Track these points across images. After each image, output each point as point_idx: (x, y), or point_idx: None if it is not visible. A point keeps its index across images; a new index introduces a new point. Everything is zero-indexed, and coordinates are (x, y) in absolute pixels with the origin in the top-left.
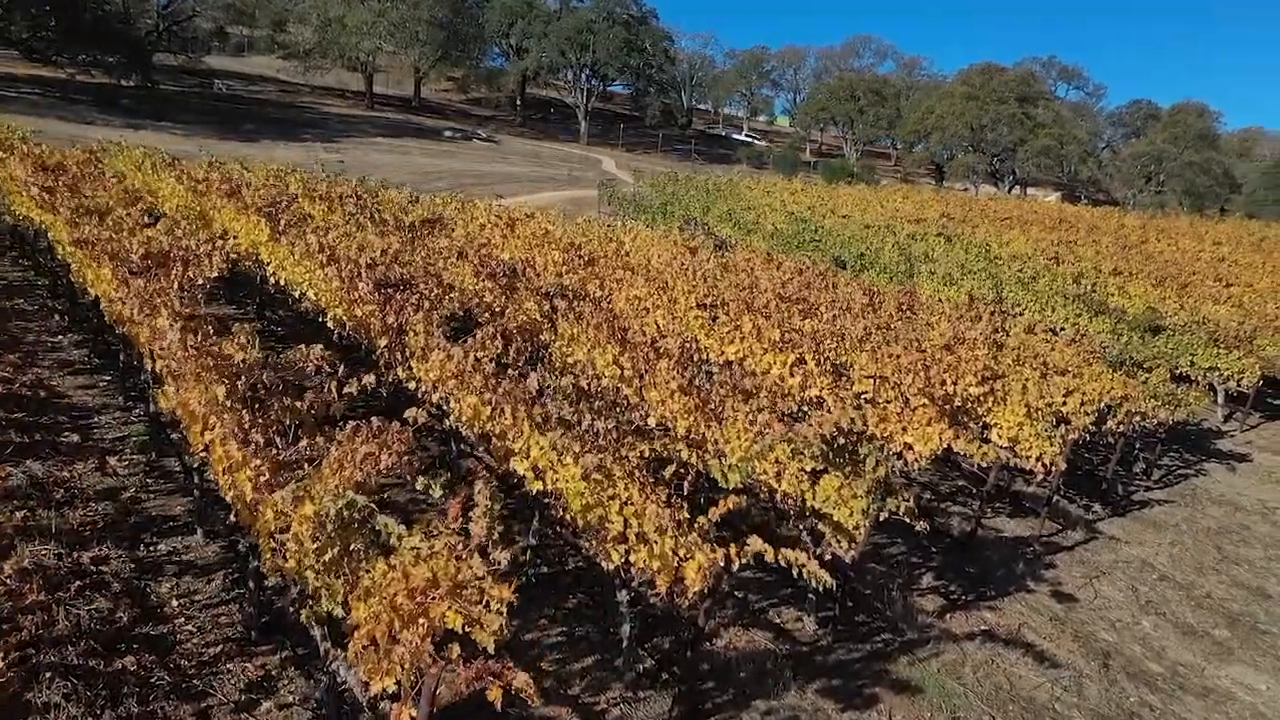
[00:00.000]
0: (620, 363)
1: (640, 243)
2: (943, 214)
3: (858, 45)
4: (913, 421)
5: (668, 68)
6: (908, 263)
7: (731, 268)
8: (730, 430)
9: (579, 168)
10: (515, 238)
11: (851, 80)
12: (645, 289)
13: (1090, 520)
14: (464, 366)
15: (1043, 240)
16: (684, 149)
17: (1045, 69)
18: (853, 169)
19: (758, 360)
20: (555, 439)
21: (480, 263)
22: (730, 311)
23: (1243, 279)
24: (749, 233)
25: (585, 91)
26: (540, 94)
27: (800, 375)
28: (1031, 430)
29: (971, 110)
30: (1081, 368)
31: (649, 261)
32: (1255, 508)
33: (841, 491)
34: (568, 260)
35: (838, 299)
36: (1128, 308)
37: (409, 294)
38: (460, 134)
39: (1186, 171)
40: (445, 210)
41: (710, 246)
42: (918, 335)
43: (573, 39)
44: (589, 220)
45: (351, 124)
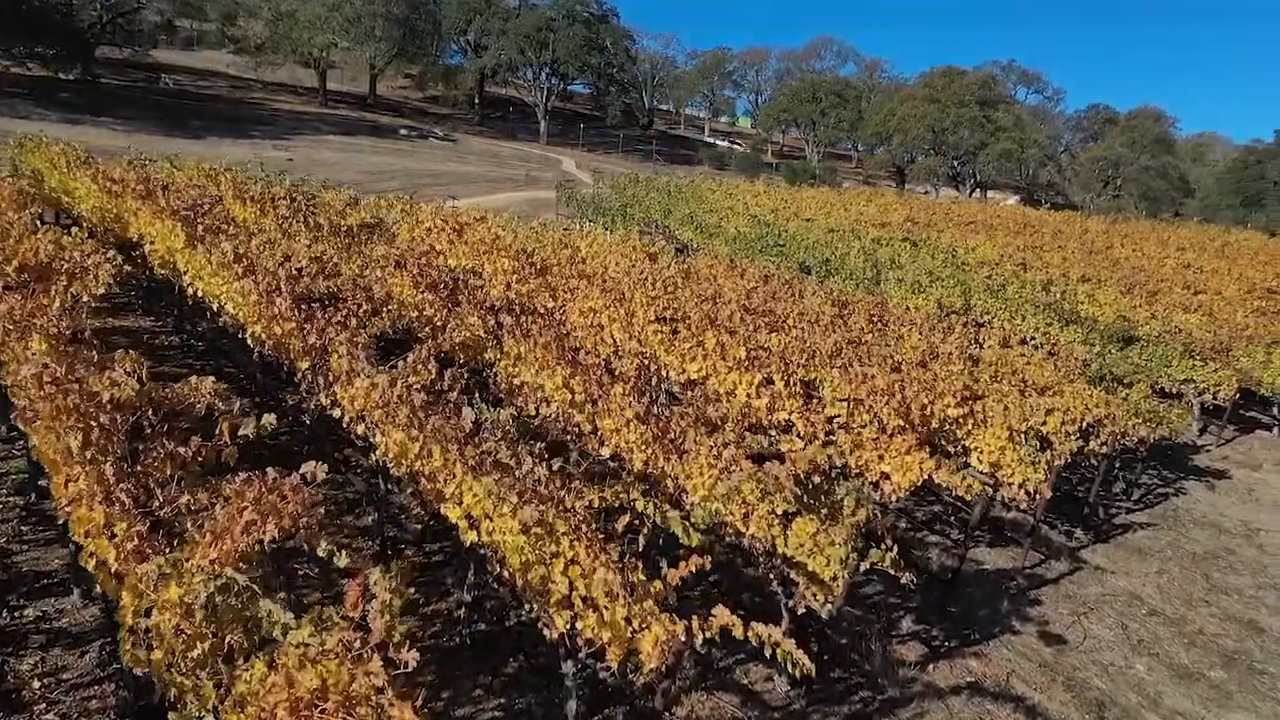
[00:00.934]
0: (571, 386)
1: (597, 249)
2: (907, 218)
3: (819, 47)
4: (890, 449)
5: (629, 67)
6: (874, 269)
7: (693, 275)
8: (692, 465)
9: (538, 168)
10: (463, 244)
11: (813, 82)
12: (601, 300)
13: (1074, 548)
14: (389, 396)
15: (1009, 245)
16: (645, 149)
17: (1005, 72)
18: (815, 171)
19: (721, 379)
20: (491, 485)
21: (420, 273)
22: (692, 325)
23: (1211, 286)
24: (711, 236)
25: (545, 90)
26: (500, 92)
27: (768, 396)
28: (1014, 455)
29: (933, 113)
30: (1062, 384)
31: (606, 269)
32: (1238, 529)
33: (817, 538)
34: (518, 269)
35: (805, 310)
36: (1098, 316)
37: (334, 310)
38: (416, 132)
39: (1143, 176)
40: (390, 213)
41: (671, 252)
42: (891, 351)
43: (532, 37)
44: (546, 223)
45: (303, 121)
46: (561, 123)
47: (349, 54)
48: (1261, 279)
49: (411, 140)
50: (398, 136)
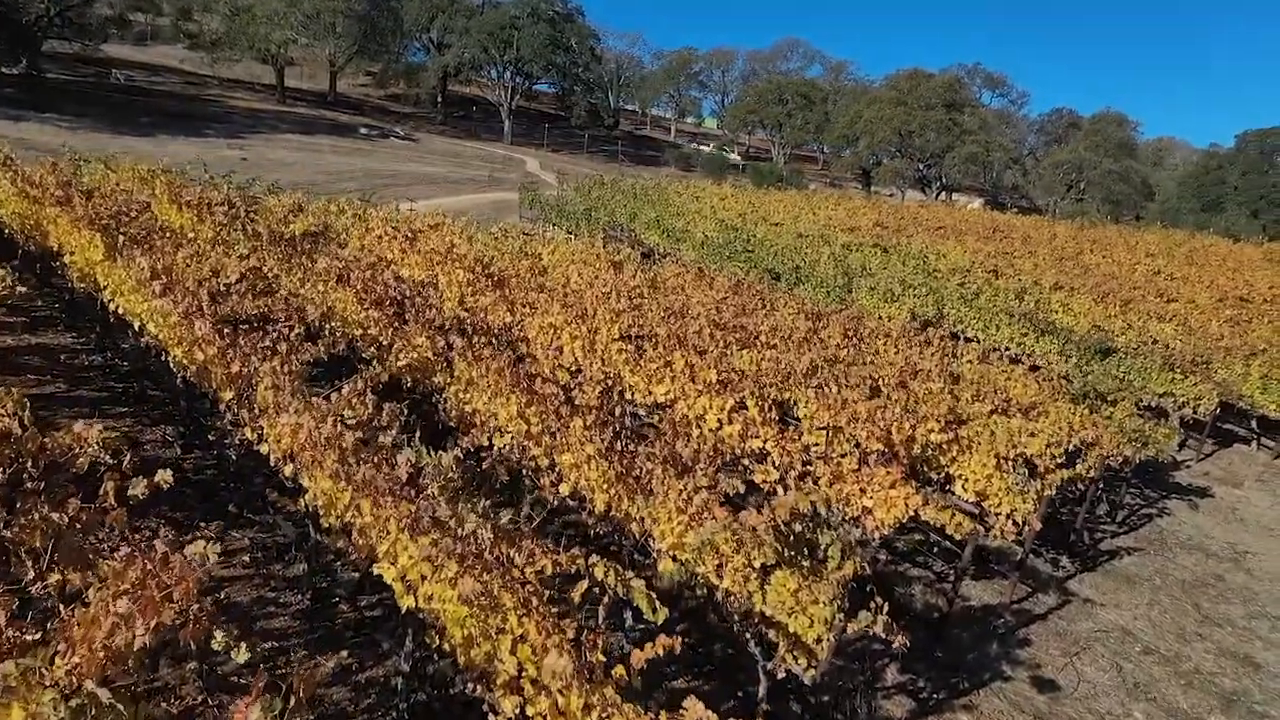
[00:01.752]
0: (527, 416)
1: (559, 257)
2: (876, 222)
3: (786, 48)
4: (873, 483)
5: (594, 67)
6: (845, 276)
7: (660, 285)
8: (660, 509)
9: (501, 168)
10: (415, 253)
11: (780, 83)
12: (562, 316)
13: (1061, 578)
14: (317, 438)
15: (980, 252)
16: (611, 150)
17: (971, 75)
18: (781, 173)
19: (691, 403)
20: (429, 546)
21: (364, 288)
22: (659, 343)
23: (1183, 294)
24: (678, 241)
25: (509, 89)
26: (463, 91)
27: (740, 422)
28: (1002, 484)
29: (899, 116)
30: (1046, 404)
31: (568, 281)
32: (1225, 553)
33: (799, 596)
34: (473, 281)
35: (778, 325)
36: (1073, 326)
37: (263, 334)
38: (377, 131)
39: (1106, 180)
40: (340, 219)
41: (636, 259)
42: (868, 371)
43: (495, 35)
44: (507, 229)
45: (260, 119)
46: (526, 123)
47: (308, 51)
48: (1232, 286)
49: (372, 140)
50: (358, 136)
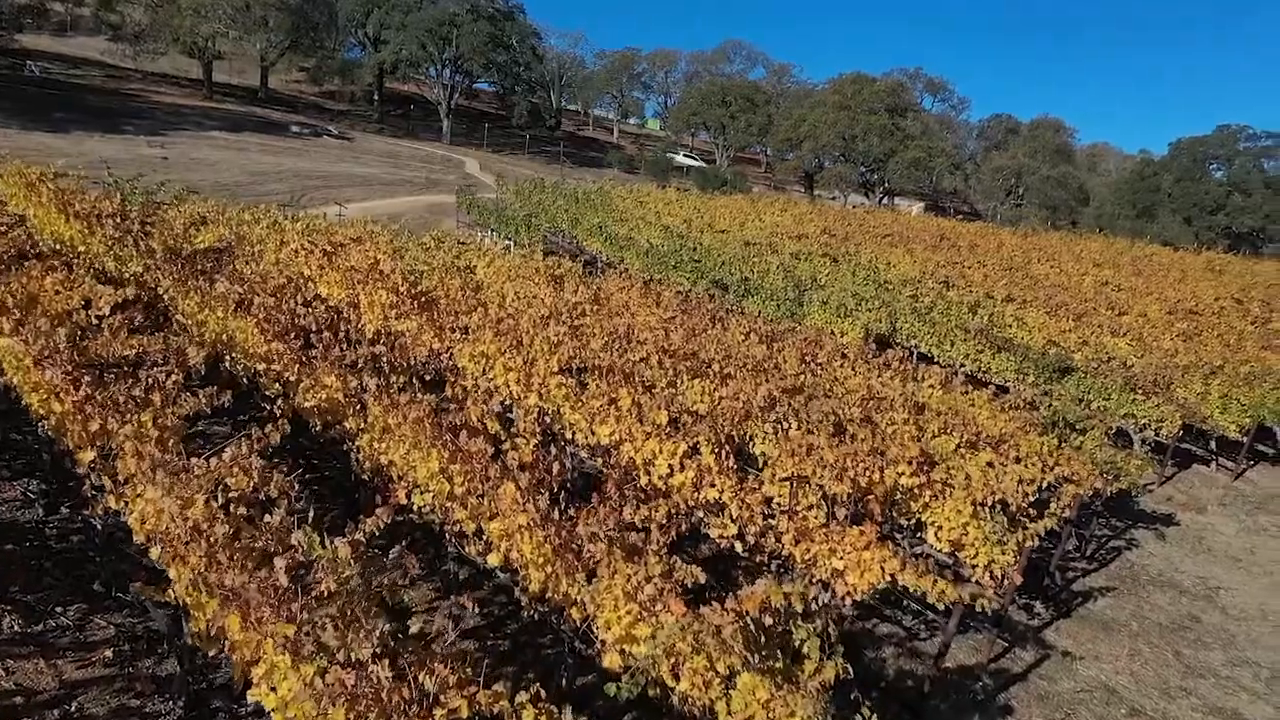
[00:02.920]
0: (450, 474)
1: (496, 271)
2: (824, 229)
3: (729, 50)
4: (845, 543)
5: (535, 66)
6: (796, 289)
7: (603, 301)
8: (605, 595)
9: (439, 169)
10: (334, 270)
11: (723, 85)
12: (495, 345)
13: (1037, 628)
14: (180, 530)
15: (929, 261)
16: (553, 151)
17: (912, 80)
18: (726, 176)
19: (638, 447)
20: (313, 675)
21: (268, 317)
22: (603, 375)
23: (1134, 307)
24: (622, 249)
25: (448, 88)
26: (401, 89)
27: (694, 469)
28: (979, 532)
29: (843, 120)
30: (1018, 437)
31: (504, 300)
32: (1198, 589)
33: (771, 708)
34: (398, 303)
35: (731, 348)
36: (1028, 341)
37: (135, 380)
38: (309, 130)
39: (1044, 186)
40: (255, 229)
41: (578, 272)
42: (832, 405)
43: (434, 31)
44: (441, 237)
45: (184, 115)
46: (466, 122)
47: (238, 44)
48: (1179, 297)
49: (304, 138)
50: (289, 134)
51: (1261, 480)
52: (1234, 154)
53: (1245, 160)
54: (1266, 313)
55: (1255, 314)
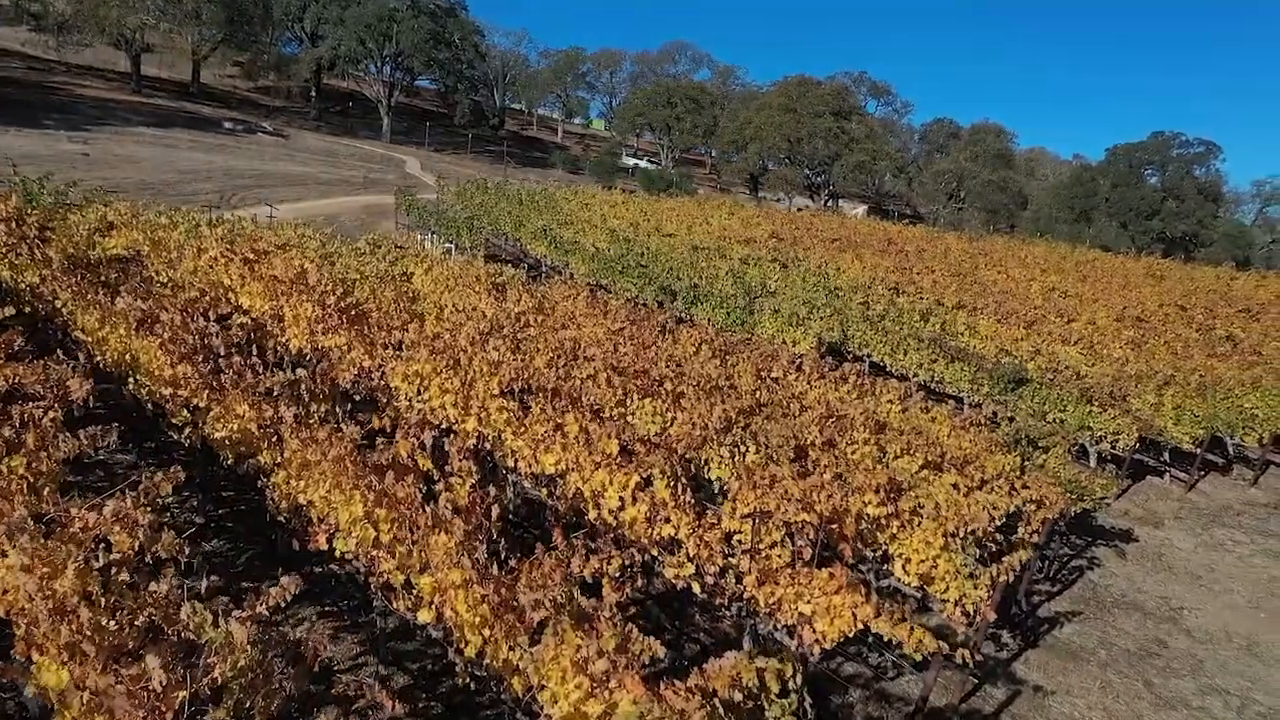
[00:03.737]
0: (376, 520)
1: (434, 279)
2: (772, 233)
3: (674, 51)
4: (812, 586)
5: (478, 64)
6: (747, 296)
7: (548, 311)
8: (552, 667)
9: (379, 169)
10: (256, 279)
11: (669, 86)
12: (431, 364)
13: (1006, 660)
14: (38, 610)
15: (878, 267)
16: (496, 151)
17: (857, 84)
18: (672, 178)
19: (586, 477)
20: None
21: (174, 337)
22: (549, 400)
23: (1082, 314)
24: (568, 254)
25: (388, 85)
26: (340, 86)
27: (646, 502)
28: (949, 565)
29: (789, 123)
30: (984, 458)
31: (442, 311)
32: (1163, 612)
33: None
34: (325, 317)
35: (684, 365)
36: (980, 349)
37: (4, 419)
38: (243, 126)
39: (985, 190)
40: (173, 234)
41: (522, 278)
42: (792, 427)
43: (373, 27)
44: (378, 240)
45: (110, 110)
46: (407, 120)
47: (169, 37)
48: (1125, 304)
49: (236, 135)
50: (221, 131)
51: (1214, 491)
52: (1168, 160)
53: (1178, 167)
54: (1210, 319)
55: (1199, 321)
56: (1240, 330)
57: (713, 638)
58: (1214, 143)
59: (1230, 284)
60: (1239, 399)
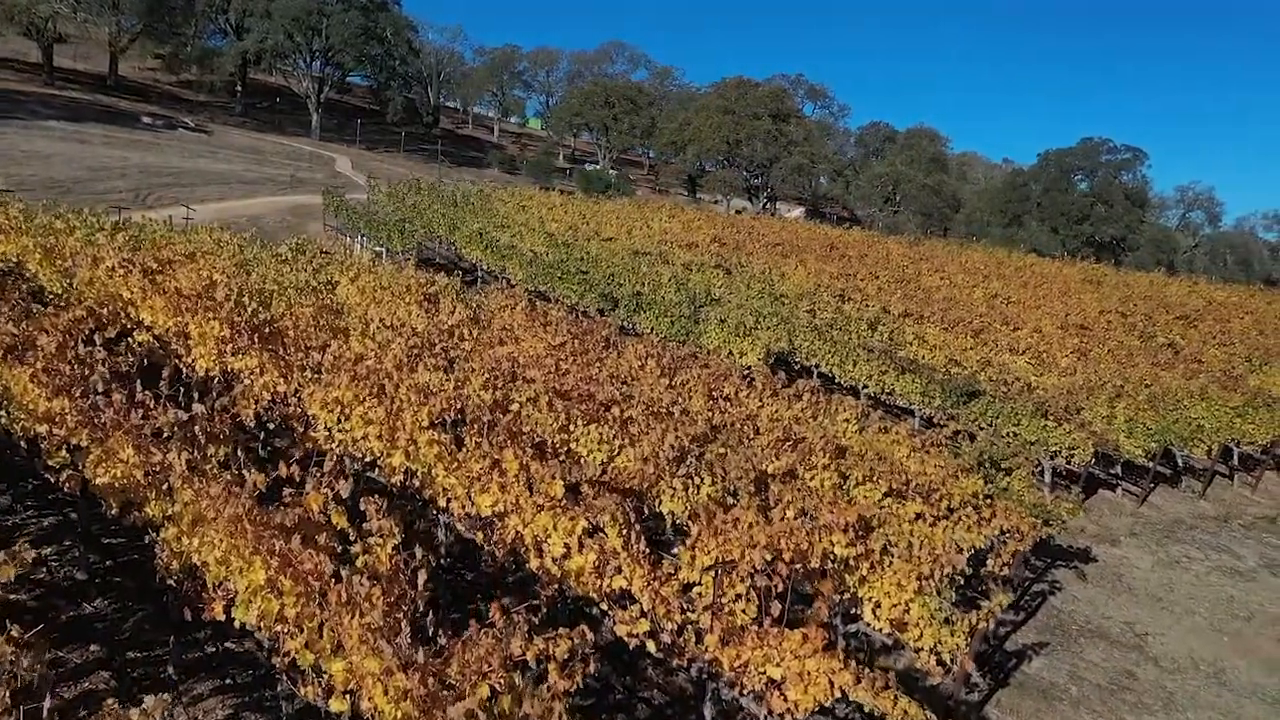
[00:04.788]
0: (281, 589)
1: (361, 288)
2: (714, 238)
3: (611, 51)
4: (783, 648)
5: (411, 60)
6: (691, 305)
7: (485, 323)
8: None
9: (307, 167)
10: (159, 293)
11: (606, 86)
12: (352, 391)
13: (979, 703)
14: None
15: (822, 273)
16: (430, 149)
17: (794, 86)
18: (610, 179)
19: (527, 521)
20: None
21: (48, 366)
22: (485, 433)
23: (1027, 321)
24: (504, 258)
25: (318, 81)
26: (267, 81)
27: (595, 551)
28: (924, 611)
29: (728, 125)
30: (950, 486)
31: (368, 326)
32: (1128, 639)
33: None
34: (234, 336)
35: (631, 386)
36: (930, 360)
37: None
38: (162, 121)
39: (921, 193)
40: (68, 240)
41: (456, 287)
42: (750, 459)
43: (301, 20)
44: (302, 245)
45: (18, 102)
46: (338, 117)
47: (85, 26)
48: (1067, 311)
49: (156, 131)
50: (139, 126)
51: (1165, 505)
52: (1096, 166)
53: (1107, 172)
54: (1150, 326)
55: (1140, 328)
56: (1180, 337)
57: (668, 695)
58: (1140, 149)
59: (1164, 290)
60: (1188, 410)
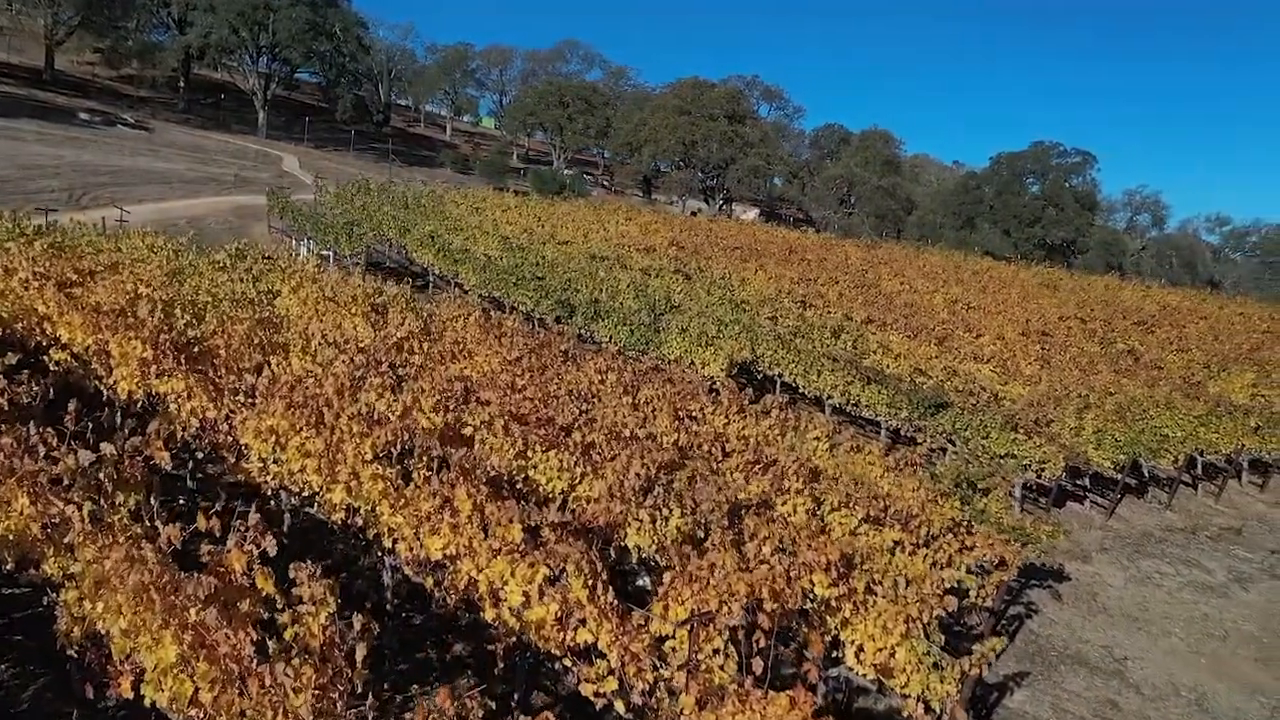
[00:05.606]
0: (195, 669)
1: (304, 299)
2: (672, 241)
3: (565, 50)
4: (767, 713)
5: (361, 57)
6: (651, 313)
7: (436, 335)
8: None
9: (253, 166)
10: (76, 309)
11: (560, 86)
12: (287, 419)
13: None
14: None
15: (783, 278)
16: (381, 149)
17: (750, 87)
18: (565, 180)
19: (482, 567)
20: None
21: None
22: (436, 469)
23: (990, 328)
24: (457, 263)
25: (264, 77)
26: (213, 77)
27: (558, 602)
28: (911, 656)
29: (684, 125)
30: (930, 512)
31: (310, 341)
32: (1109, 665)
33: None
34: (159, 357)
35: (592, 406)
36: (895, 369)
37: None
38: (101, 118)
39: (875, 195)
40: None
41: (406, 294)
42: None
43: (247, 15)
44: (243, 249)
45: None
46: (285, 115)
47: (19, 19)
48: (1027, 316)
49: (94, 127)
50: (76, 122)
51: (1133, 516)
52: (1048, 169)
53: (1058, 176)
54: (1109, 332)
55: (1100, 334)
56: (1139, 343)
57: None
58: (1090, 152)
59: (1119, 294)
60: (1154, 420)
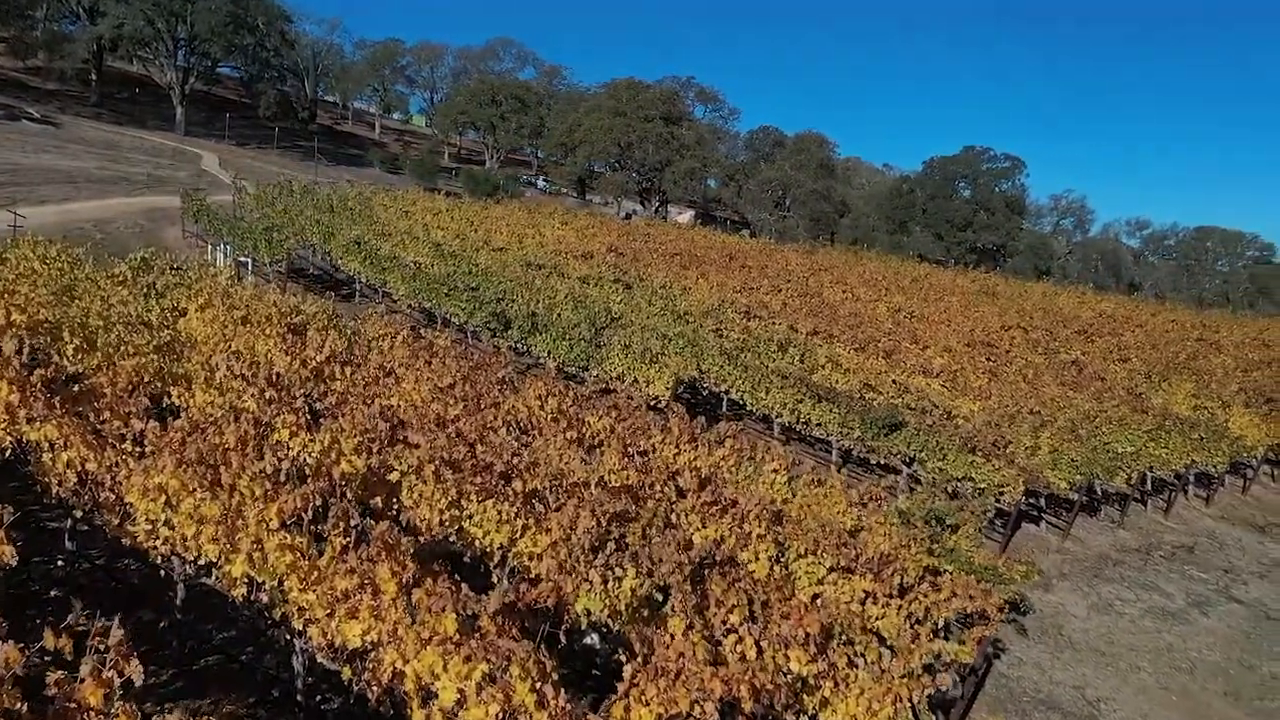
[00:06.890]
0: None
1: (213, 319)
2: (610, 247)
3: (498, 48)
4: None
5: (286, 52)
6: (591, 326)
7: (361, 357)
8: None
9: (169, 165)
10: None
11: (493, 84)
12: (178, 477)
13: None
14: None
15: (724, 286)
16: (306, 146)
17: (685, 89)
18: (498, 181)
19: (409, 658)
20: None
21: None
22: (354, 541)
23: (936, 339)
24: (385, 271)
25: (182, 71)
26: (128, 70)
27: (499, 703)
28: None
29: (619, 126)
30: (903, 557)
31: (214, 373)
32: (1082, 709)
33: None
34: (28, 400)
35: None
36: (845, 385)
37: None
38: (4, 112)
39: (810, 199)
40: None
41: (329, 310)
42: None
43: (163, 5)
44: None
45: None
46: (205, 111)
47: None
48: (970, 325)
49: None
50: None
51: (1088, 537)
52: (978, 174)
53: (988, 180)
54: (1051, 341)
55: (1043, 344)
56: (1081, 353)
57: None
58: (1019, 158)
59: (1055, 301)
60: (1105, 436)
